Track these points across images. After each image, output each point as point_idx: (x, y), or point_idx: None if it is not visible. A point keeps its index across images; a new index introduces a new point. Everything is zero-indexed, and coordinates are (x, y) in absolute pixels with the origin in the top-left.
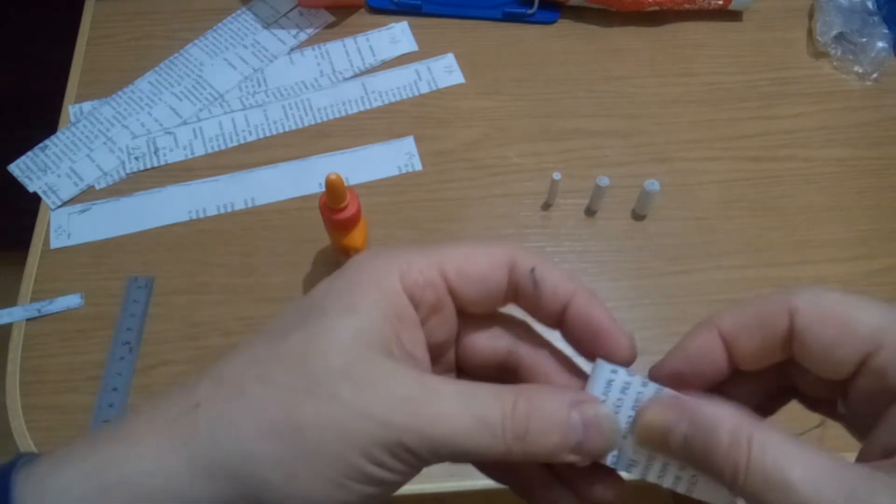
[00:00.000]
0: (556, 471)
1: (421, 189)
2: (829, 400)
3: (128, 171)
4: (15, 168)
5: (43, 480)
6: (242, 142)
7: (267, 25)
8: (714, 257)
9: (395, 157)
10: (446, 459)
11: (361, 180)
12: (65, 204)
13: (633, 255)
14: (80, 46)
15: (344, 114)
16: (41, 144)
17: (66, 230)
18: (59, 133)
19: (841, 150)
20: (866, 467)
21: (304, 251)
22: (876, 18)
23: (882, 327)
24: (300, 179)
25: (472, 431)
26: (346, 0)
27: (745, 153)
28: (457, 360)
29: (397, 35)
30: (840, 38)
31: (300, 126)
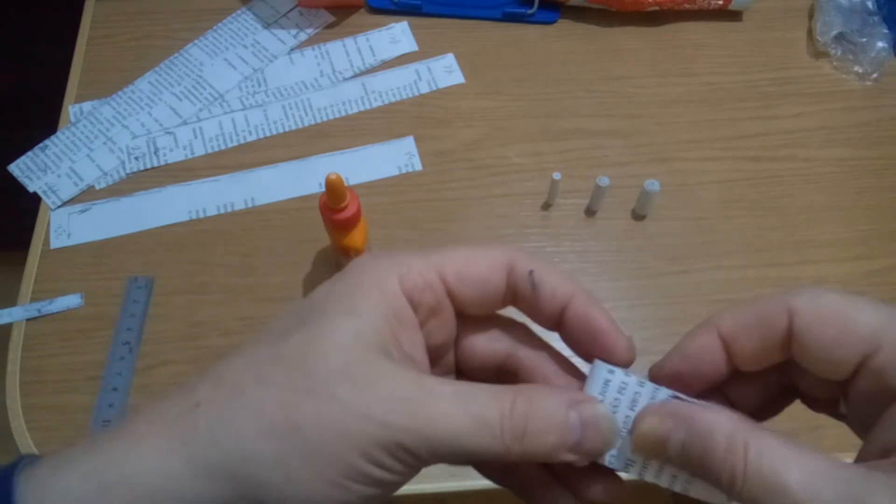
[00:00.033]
0: (554, 471)
1: (421, 189)
2: (831, 400)
3: (128, 171)
4: (15, 168)
5: (44, 481)
6: (242, 142)
7: (267, 25)
8: (714, 257)
9: (395, 157)
10: (445, 460)
11: (361, 180)
12: (65, 204)
13: (633, 255)
14: (80, 46)
15: (344, 114)
16: (41, 144)
17: (66, 230)
18: (59, 133)
19: (841, 150)
20: (863, 467)
21: (304, 251)
22: (876, 18)
23: (881, 328)
24: (300, 179)
25: (470, 431)
26: (346, 0)
27: (745, 153)
28: (456, 363)
29: (397, 35)
30: (840, 38)
31: (300, 126)
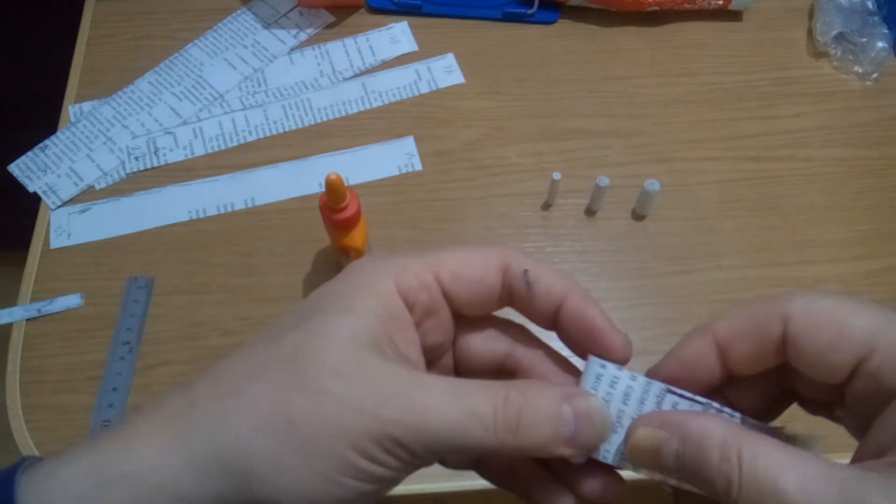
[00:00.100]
0: (553, 470)
1: (421, 189)
2: (828, 402)
3: (128, 171)
4: (15, 168)
5: (44, 480)
6: (242, 142)
7: (267, 25)
8: (714, 257)
9: (395, 157)
10: (438, 454)
11: (361, 180)
12: (65, 204)
13: (633, 255)
14: (80, 46)
15: (344, 114)
16: (41, 144)
17: (66, 230)
18: (59, 133)
19: (841, 150)
20: (858, 468)
21: (304, 251)
22: (876, 18)
23: (876, 331)
24: (300, 179)
25: (463, 424)
26: (346, 0)
27: (745, 153)
28: (455, 364)
29: (397, 35)
30: (840, 38)
31: (300, 126)
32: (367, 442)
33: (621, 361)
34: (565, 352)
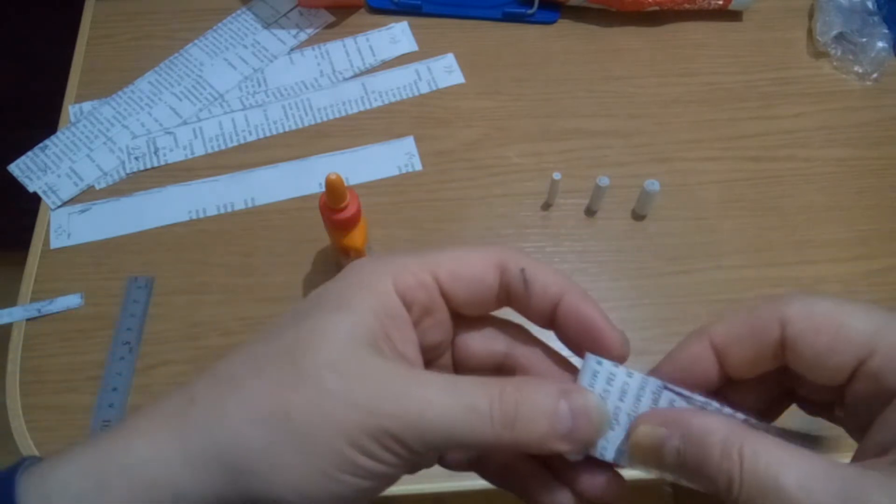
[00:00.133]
0: (553, 470)
1: (421, 189)
2: (827, 404)
3: (128, 171)
4: (15, 168)
5: (44, 478)
6: (242, 142)
7: (267, 25)
8: (714, 257)
9: (395, 157)
10: (435, 450)
11: (361, 180)
12: (65, 204)
13: (633, 255)
14: (80, 46)
15: (344, 114)
16: (41, 144)
17: (66, 230)
18: (59, 133)
19: (841, 150)
20: (858, 467)
21: (304, 251)
22: (876, 18)
23: (875, 332)
24: (300, 179)
25: (460, 418)
26: (346, 0)
27: (745, 153)
28: (454, 364)
29: (397, 35)
30: (840, 38)
31: (300, 126)
32: (363, 437)
33: (619, 359)
34: (565, 352)
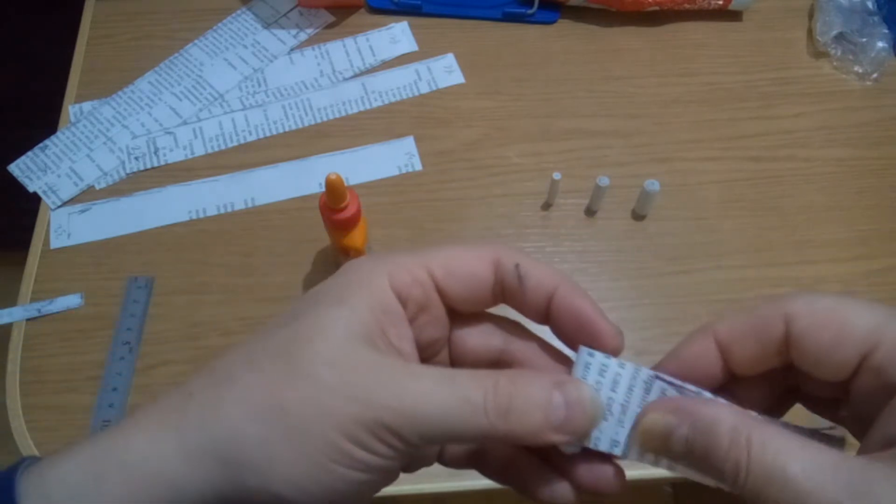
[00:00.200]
0: (553, 464)
1: (421, 189)
2: (832, 401)
3: (128, 171)
4: (15, 168)
5: (43, 474)
6: (242, 142)
7: (267, 25)
8: (714, 257)
9: (395, 157)
10: (430, 441)
11: (361, 180)
12: (65, 204)
13: (633, 255)
14: (80, 46)
15: (344, 114)
16: (41, 144)
17: (66, 230)
18: (59, 133)
19: (841, 150)
20: (865, 459)
21: (304, 251)
22: (876, 18)
23: (878, 327)
24: (300, 179)
25: (455, 409)
26: (346, 0)
27: (745, 153)
28: (451, 360)
29: (397, 35)
30: (840, 38)
31: (300, 126)
32: (358, 429)
33: (612, 352)
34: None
